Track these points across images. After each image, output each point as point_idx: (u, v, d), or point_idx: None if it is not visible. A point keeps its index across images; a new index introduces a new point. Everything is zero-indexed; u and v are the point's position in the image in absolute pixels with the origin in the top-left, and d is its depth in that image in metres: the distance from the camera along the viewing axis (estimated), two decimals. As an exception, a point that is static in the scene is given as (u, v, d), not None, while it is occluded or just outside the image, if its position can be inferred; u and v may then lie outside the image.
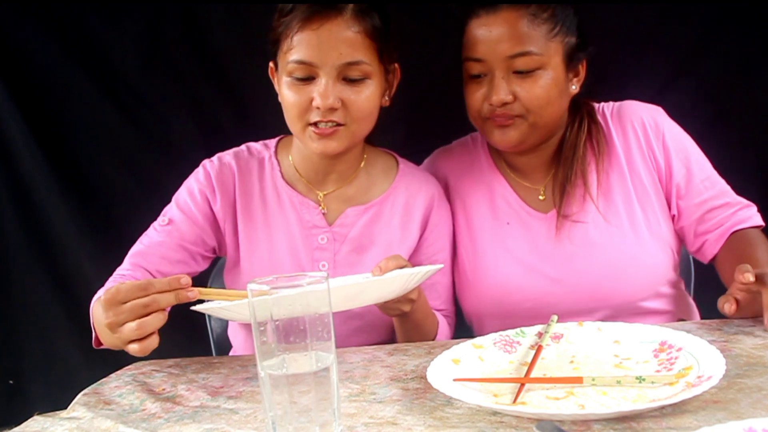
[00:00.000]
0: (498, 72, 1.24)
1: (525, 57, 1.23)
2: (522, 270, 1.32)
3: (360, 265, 1.30)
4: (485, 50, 1.25)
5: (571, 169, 1.32)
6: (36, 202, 1.97)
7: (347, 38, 1.18)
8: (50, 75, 1.93)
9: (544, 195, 1.36)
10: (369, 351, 1.15)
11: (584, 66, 1.32)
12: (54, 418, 0.94)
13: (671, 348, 0.94)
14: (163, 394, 1.02)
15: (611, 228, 1.30)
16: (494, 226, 1.36)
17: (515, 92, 1.24)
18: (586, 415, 0.78)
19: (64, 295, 2.02)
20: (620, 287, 1.28)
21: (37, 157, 1.94)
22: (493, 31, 1.24)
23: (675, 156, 1.31)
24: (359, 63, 1.19)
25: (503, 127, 1.27)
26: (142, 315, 0.92)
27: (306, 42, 1.17)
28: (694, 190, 1.30)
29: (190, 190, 1.32)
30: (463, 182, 1.41)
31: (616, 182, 1.32)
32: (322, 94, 1.17)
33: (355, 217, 1.32)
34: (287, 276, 0.78)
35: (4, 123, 1.93)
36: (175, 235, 1.29)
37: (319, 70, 1.18)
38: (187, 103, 1.98)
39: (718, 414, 0.77)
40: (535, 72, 1.24)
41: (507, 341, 1.03)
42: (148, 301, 0.92)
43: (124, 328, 0.93)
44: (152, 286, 0.93)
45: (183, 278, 0.95)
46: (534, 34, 1.23)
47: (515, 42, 1.23)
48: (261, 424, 0.87)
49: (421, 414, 0.85)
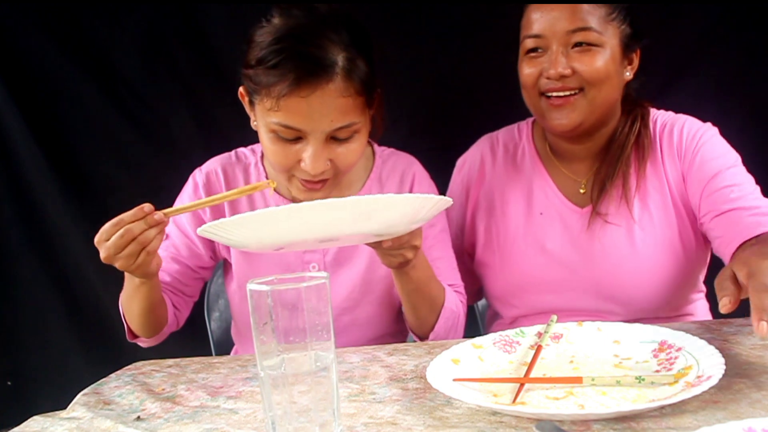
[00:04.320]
0: (556, 47, 1.25)
1: (585, 32, 1.24)
2: (548, 262, 1.33)
3: (350, 262, 1.31)
4: (544, 26, 1.26)
5: (614, 167, 1.31)
6: (36, 201, 1.97)
7: (339, 105, 1.12)
8: (50, 75, 1.93)
9: (585, 189, 1.36)
10: (369, 351, 1.15)
11: (638, 56, 1.32)
12: (54, 418, 0.94)
13: (671, 348, 0.94)
14: (163, 394, 1.02)
15: (644, 236, 1.29)
16: (527, 216, 1.37)
17: (573, 66, 1.25)
18: (585, 415, 0.78)
19: (64, 295, 2.02)
20: (643, 296, 1.28)
21: (37, 156, 1.95)
22: (554, 10, 1.26)
23: (701, 162, 1.27)
24: (350, 126, 1.15)
25: (562, 108, 1.27)
26: (125, 245, 1.05)
27: (295, 109, 1.11)
28: (716, 194, 1.24)
29: (182, 204, 1.33)
30: (505, 169, 1.42)
31: (654, 190, 1.31)
32: (312, 160, 1.14)
33: None
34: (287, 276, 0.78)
35: (4, 123, 1.94)
36: (171, 250, 1.34)
37: (307, 135, 1.14)
38: (187, 103, 1.99)
39: (717, 414, 0.77)
40: (593, 47, 1.25)
41: (506, 341, 1.03)
42: (123, 232, 1.04)
43: (117, 260, 1.06)
44: (122, 220, 1.05)
45: (146, 206, 1.05)
46: (594, 12, 1.25)
47: (575, 18, 1.24)
48: (261, 424, 0.87)
49: (421, 414, 0.85)
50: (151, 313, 1.23)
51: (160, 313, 1.26)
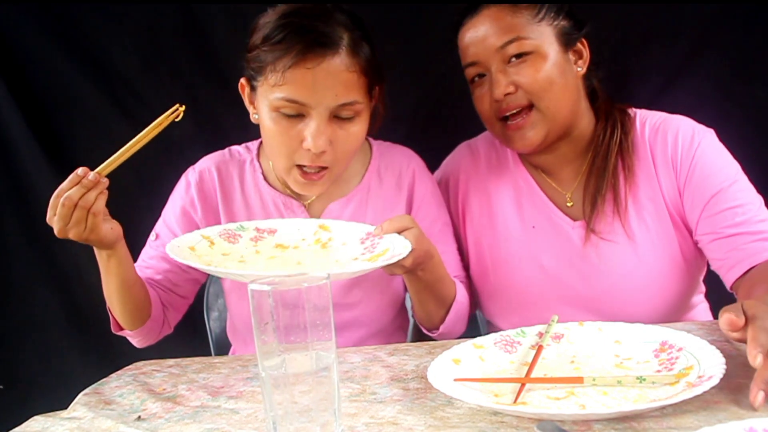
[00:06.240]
0: (493, 67, 1.23)
1: (514, 43, 1.22)
2: (544, 278, 1.30)
3: None
4: (476, 50, 1.25)
5: (602, 180, 1.27)
6: (36, 201, 1.97)
7: (344, 79, 1.13)
8: (50, 75, 1.93)
9: (572, 202, 1.32)
10: (369, 351, 1.15)
11: (586, 46, 1.29)
12: (54, 418, 0.94)
13: (672, 348, 0.94)
14: (164, 394, 1.01)
15: (643, 251, 1.25)
16: (520, 229, 1.33)
17: (515, 81, 1.22)
18: (586, 415, 0.78)
19: (63, 295, 2.02)
20: (644, 312, 1.24)
21: (37, 157, 1.94)
22: (479, 31, 1.25)
23: (700, 177, 1.22)
24: (353, 103, 1.16)
25: (520, 129, 1.25)
26: (70, 214, 1.06)
27: (300, 81, 1.12)
28: (718, 216, 1.20)
29: (173, 204, 1.35)
30: (490, 180, 1.38)
31: (649, 200, 1.26)
32: (314, 136, 1.14)
33: (339, 210, 1.31)
34: (288, 276, 0.78)
35: (4, 123, 1.93)
36: (160, 249, 1.32)
37: (311, 110, 1.14)
38: (187, 103, 1.98)
39: (718, 414, 0.77)
40: (528, 55, 1.22)
41: (507, 341, 1.03)
42: (64, 200, 1.05)
43: (69, 231, 1.07)
44: (61, 190, 1.07)
45: (79, 170, 1.07)
46: (518, 21, 1.23)
47: (501, 32, 1.23)
48: (261, 424, 0.87)
49: (422, 414, 0.85)
50: (127, 293, 1.20)
51: (138, 296, 1.23)
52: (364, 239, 1.15)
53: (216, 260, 1.11)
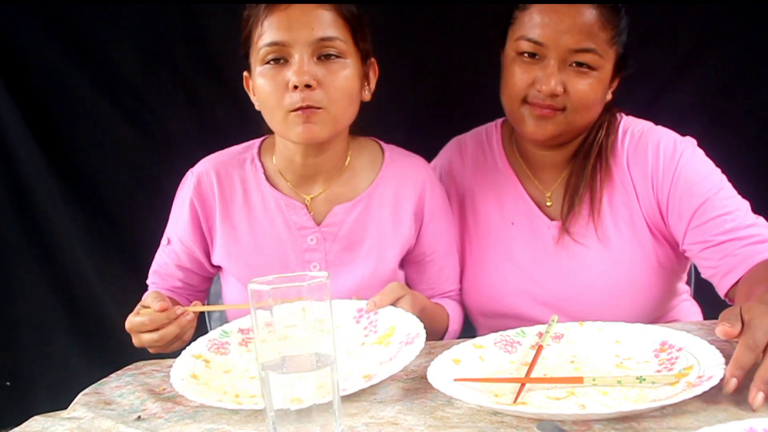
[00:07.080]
0: (555, 61, 1.20)
1: (588, 54, 1.20)
2: (518, 274, 1.31)
3: (352, 263, 1.29)
4: (548, 35, 1.20)
5: (581, 179, 1.28)
6: (36, 202, 1.97)
7: (319, 15, 1.16)
8: (50, 75, 1.93)
9: (552, 202, 1.33)
10: (369, 351, 1.15)
11: (620, 77, 1.30)
12: (54, 418, 0.94)
13: (672, 348, 0.94)
14: (164, 394, 1.01)
15: (613, 254, 1.26)
16: (499, 225, 1.35)
17: (566, 86, 1.21)
18: (586, 415, 0.78)
19: (64, 295, 2.02)
20: (614, 315, 1.19)
21: (37, 157, 1.94)
22: (564, 21, 1.20)
23: (685, 187, 1.22)
24: (332, 39, 1.17)
25: (542, 118, 1.23)
26: (159, 345, 1.11)
27: (276, 23, 1.16)
28: (707, 225, 1.20)
29: (177, 208, 1.35)
30: (475, 177, 1.40)
31: (623, 206, 1.27)
32: (297, 71, 1.14)
33: (343, 214, 1.29)
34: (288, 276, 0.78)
35: (4, 123, 1.93)
36: (172, 256, 1.35)
37: (291, 50, 1.15)
38: (187, 102, 1.98)
39: (718, 414, 0.77)
40: (592, 71, 1.21)
41: (507, 341, 1.03)
42: (158, 338, 1.09)
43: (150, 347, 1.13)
44: (154, 321, 1.08)
45: (178, 309, 1.10)
46: (601, 35, 1.21)
47: (582, 37, 1.19)
48: (261, 424, 0.87)
49: (422, 414, 0.85)
50: None
51: None
52: (358, 317, 1.12)
53: (222, 382, 1.01)
